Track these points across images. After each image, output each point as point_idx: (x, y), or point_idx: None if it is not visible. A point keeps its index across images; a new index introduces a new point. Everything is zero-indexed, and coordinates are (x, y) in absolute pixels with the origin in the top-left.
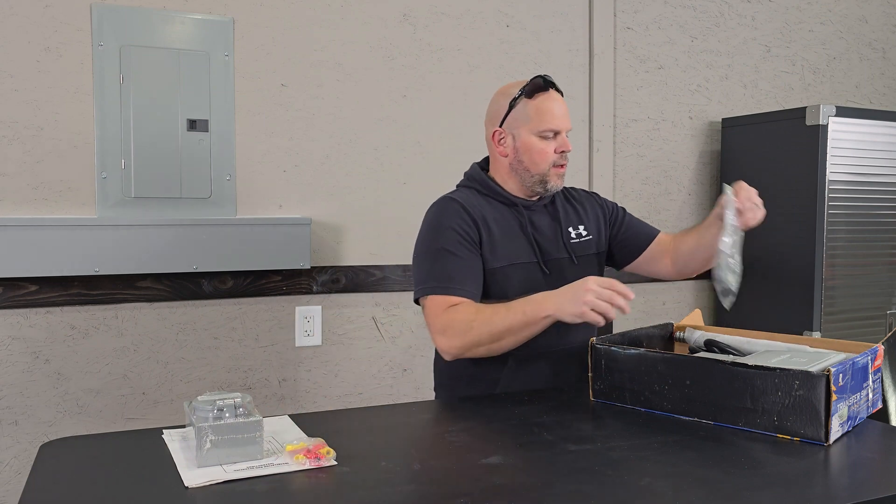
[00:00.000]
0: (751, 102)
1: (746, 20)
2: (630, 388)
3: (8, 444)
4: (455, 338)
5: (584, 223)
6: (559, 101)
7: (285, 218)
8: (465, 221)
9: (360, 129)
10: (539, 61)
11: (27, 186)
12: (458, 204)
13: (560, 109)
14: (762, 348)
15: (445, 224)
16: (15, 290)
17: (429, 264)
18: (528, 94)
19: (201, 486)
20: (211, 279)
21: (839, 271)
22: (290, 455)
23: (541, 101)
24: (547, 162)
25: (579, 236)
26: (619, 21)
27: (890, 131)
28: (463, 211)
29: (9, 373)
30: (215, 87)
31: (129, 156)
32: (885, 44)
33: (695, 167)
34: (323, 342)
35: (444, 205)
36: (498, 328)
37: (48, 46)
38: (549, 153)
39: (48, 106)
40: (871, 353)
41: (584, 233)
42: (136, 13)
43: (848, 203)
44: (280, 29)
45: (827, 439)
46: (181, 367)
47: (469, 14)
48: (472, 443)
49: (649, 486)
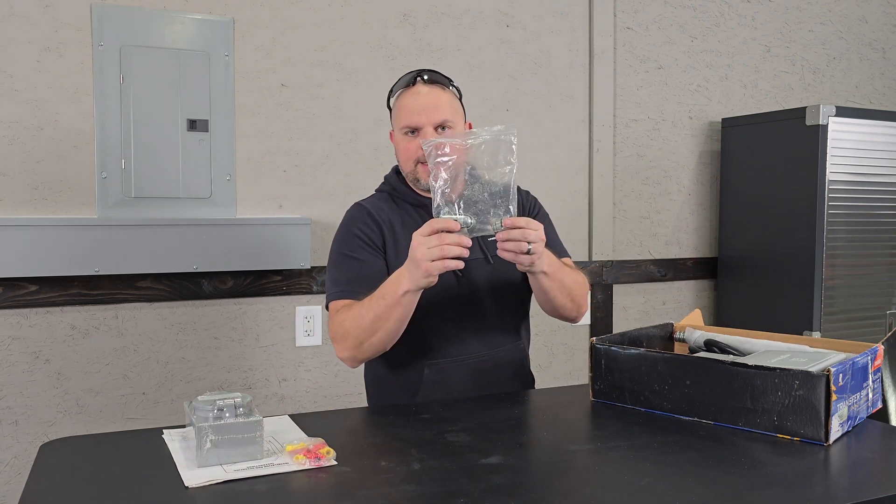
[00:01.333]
0: (751, 102)
1: (746, 20)
2: (630, 388)
3: (8, 444)
4: (340, 343)
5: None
6: (422, 95)
7: (285, 218)
8: (368, 225)
9: (360, 129)
10: (539, 61)
11: (27, 186)
12: (365, 209)
13: (419, 103)
14: (762, 348)
15: (350, 230)
16: (15, 290)
17: (333, 271)
18: (394, 93)
19: (201, 486)
20: (211, 279)
21: (839, 271)
22: (290, 455)
23: (402, 98)
24: (410, 160)
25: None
26: (619, 21)
27: (890, 131)
28: (367, 216)
29: (9, 373)
30: (215, 87)
31: (129, 156)
32: (885, 44)
33: (695, 167)
34: (323, 342)
35: (351, 211)
36: (367, 320)
37: (48, 46)
38: (410, 150)
39: (48, 106)
40: (871, 353)
41: None
42: (136, 13)
43: (848, 203)
44: (280, 29)
45: (827, 439)
46: (181, 367)
47: (469, 14)
48: (472, 443)
49: (649, 486)
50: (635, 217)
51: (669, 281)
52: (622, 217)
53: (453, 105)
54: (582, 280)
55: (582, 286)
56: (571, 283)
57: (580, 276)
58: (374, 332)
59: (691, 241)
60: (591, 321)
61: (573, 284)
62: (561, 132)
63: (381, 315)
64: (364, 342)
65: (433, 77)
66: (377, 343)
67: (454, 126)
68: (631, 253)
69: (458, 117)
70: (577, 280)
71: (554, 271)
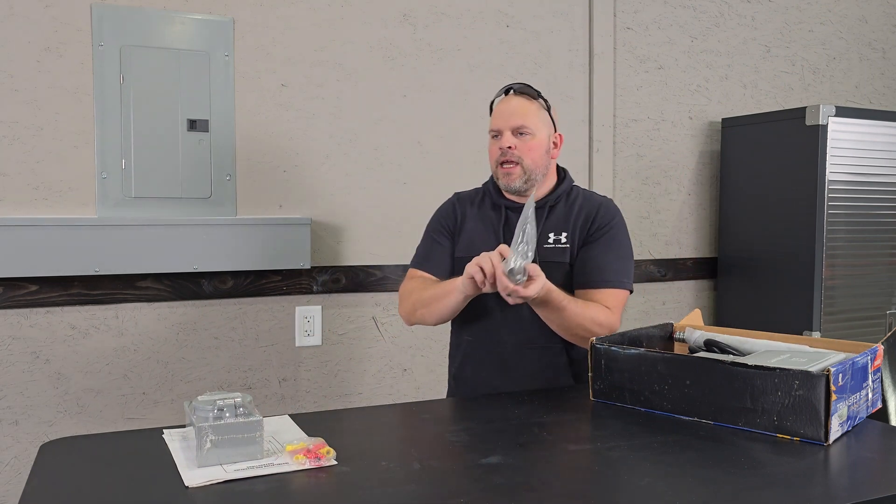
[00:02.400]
0: (751, 102)
1: (746, 20)
2: (630, 387)
3: (8, 444)
4: (402, 303)
5: (567, 230)
6: (512, 103)
7: (285, 218)
8: (448, 213)
9: (360, 129)
10: (539, 61)
11: (27, 186)
12: (454, 199)
13: (507, 109)
14: (762, 348)
15: (437, 214)
16: (15, 290)
17: (419, 244)
18: (493, 102)
19: (201, 485)
20: (211, 279)
21: (839, 271)
22: (290, 455)
23: (496, 106)
24: (493, 160)
25: (557, 242)
26: (619, 21)
27: (890, 131)
28: (451, 206)
29: (9, 373)
30: (215, 87)
31: (129, 156)
32: (884, 44)
33: (695, 167)
34: (323, 342)
35: (447, 200)
36: (426, 295)
37: (48, 46)
38: (494, 152)
39: (48, 106)
40: (871, 353)
41: (563, 240)
42: (136, 13)
43: (848, 203)
44: (280, 29)
45: (827, 439)
46: (181, 367)
47: (469, 14)
48: (472, 443)
49: (649, 486)
50: (635, 217)
51: (669, 281)
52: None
53: (537, 114)
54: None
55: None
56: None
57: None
58: (426, 307)
59: (691, 241)
60: None
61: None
62: (561, 132)
63: (436, 296)
64: (417, 311)
65: (521, 89)
66: (427, 315)
67: (532, 133)
68: None
69: (542, 126)
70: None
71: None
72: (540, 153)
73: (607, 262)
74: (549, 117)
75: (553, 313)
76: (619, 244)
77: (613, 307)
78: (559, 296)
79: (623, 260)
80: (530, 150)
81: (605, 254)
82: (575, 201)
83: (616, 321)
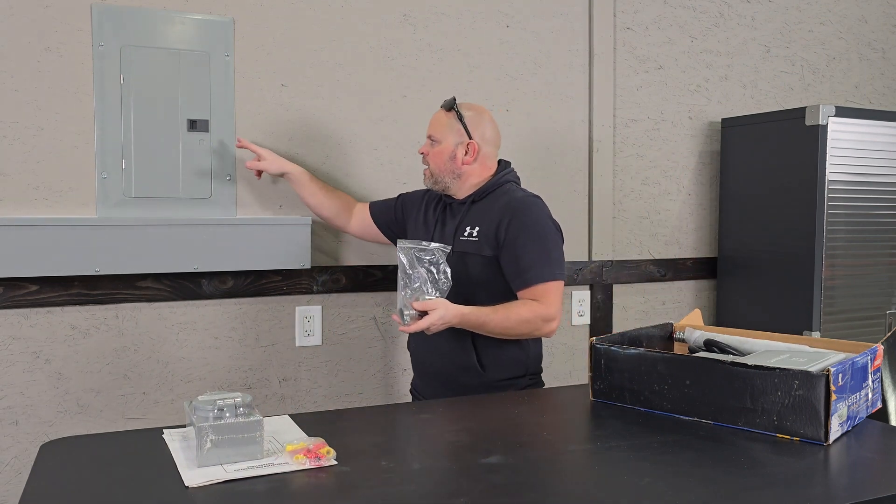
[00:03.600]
0: (750, 102)
1: (746, 20)
2: (630, 387)
3: (8, 444)
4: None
5: (481, 225)
6: (434, 114)
7: (285, 218)
8: (412, 197)
9: (359, 129)
10: (539, 61)
11: (27, 186)
12: (424, 191)
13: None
14: (762, 348)
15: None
16: (15, 290)
17: (556, 251)
18: None
19: (201, 485)
20: (211, 279)
21: (839, 271)
22: (290, 455)
23: None
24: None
25: (469, 235)
26: (619, 21)
27: (890, 131)
28: (419, 193)
29: (9, 373)
30: (215, 87)
31: (130, 156)
32: (884, 44)
33: (694, 167)
34: (323, 342)
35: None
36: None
37: (48, 46)
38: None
39: (48, 106)
40: (871, 353)
41: (475, 234)
42: (136, 13)
43: (848, 203)
44: (280, 29)
45: (826, 439)
46: (181, 367)
47: (469, 14)
48: (472, 443)
49: (649, 486)
50: (635, 217)
51: (669, 281)
52: (622, 217)
53: (447, 124)
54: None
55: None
56: (498, 328)
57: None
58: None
59: (691, 241)
60: (590, 321)
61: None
62: (561, 132)
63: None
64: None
65: (445, 103)
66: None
67: (439, 140)
68: (631, 253)
69: (449, 134)
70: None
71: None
72: (443, 159)
73: (527, 261)
74: (462, 126)
75: (480, 329)
76: (536, 238)
77: (544, 299)
78: (476, 315)
79: (544, 252)
80: (434, 155)
81: (523, 253)
82: (499, 199)
83: (550, 310)
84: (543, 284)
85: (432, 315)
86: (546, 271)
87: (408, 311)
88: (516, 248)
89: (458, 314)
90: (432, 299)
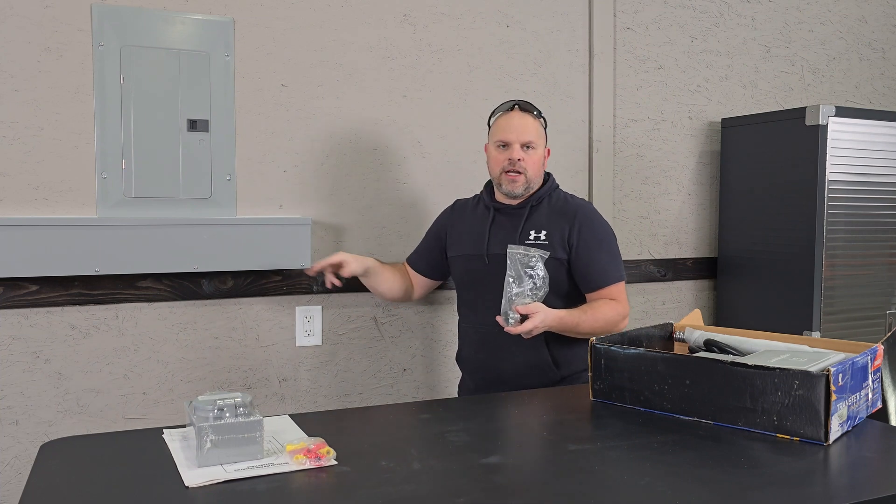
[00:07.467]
0: (750, 102)
1: (746, 20)
2: (630, 387)
3: (8, 444)
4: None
5: (547, 229)
6: (519, 119)
7: (285, 218)
8: (442, 219)
9: (360, 129)
10: (539, 61)
11: (27, 186)
12: (452, 205)
13: (518, 124)
14: (762, 348)
15: (436, 219)
16: (15, 290)
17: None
18: (495, 114)
19: (201, 485)
20: (211, 279)
21: (839, 271)
22: (290, 455)
23: (500, 119)
24: (497, 168)
25: (537, 238)
26: (619, 21)
27: (890, 131)
28: (448, 210)
29: (9, 373)
30: (215, 87)
31: (130, 156)
32: (884, 44)
33: (694, 167)
34: (323, 342)
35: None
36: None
37: (48, 46)
38: (499, 160)
39: (48, 106)
40: (871, 353)
41: (542, 237)
42: (136, 13)
43: (848, 203)
44: (280, 29)
45: (826, 439)
46: (181, 367)
47: (469, 14)
48: (472, 443)
49: (649, 486)
50: (635, 217)
51: (669, 281)
52: (622, 217)
53: (538, 131)
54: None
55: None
56: (588, 328)
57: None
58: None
59: (691, 241)
60: None
61: (589, 329)
62: (561, 132)
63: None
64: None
65: (526, 106)
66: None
67: (536, 147)
68: (631, 253)
69: (541, 141)
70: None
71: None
72: (539, 165)
73: (602, 263)
74: (545, 133)
75: (573, 330)
76: (605, 243)
77: (619, 297)
78: (570, 318)
79: (612, 255)
80: (533, 162)
81: (598, 257)
82: (556, 204)
83: (626, 307)
84: (616, 285)
85: (535, 318)
86: (617, 273)
87: (512, 314)
88: (590, 252)
89: (556, 317)
90: (533, 303)
